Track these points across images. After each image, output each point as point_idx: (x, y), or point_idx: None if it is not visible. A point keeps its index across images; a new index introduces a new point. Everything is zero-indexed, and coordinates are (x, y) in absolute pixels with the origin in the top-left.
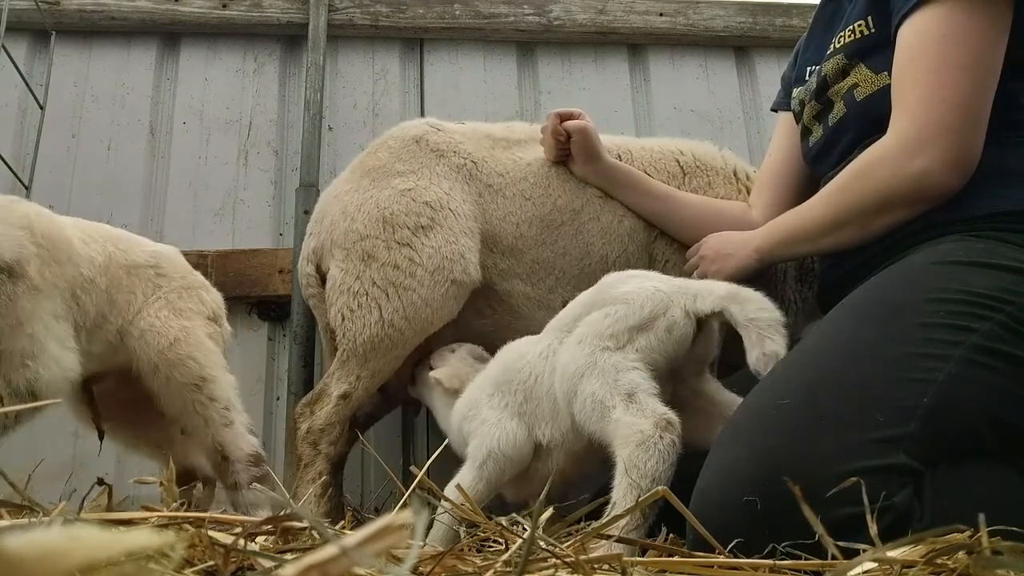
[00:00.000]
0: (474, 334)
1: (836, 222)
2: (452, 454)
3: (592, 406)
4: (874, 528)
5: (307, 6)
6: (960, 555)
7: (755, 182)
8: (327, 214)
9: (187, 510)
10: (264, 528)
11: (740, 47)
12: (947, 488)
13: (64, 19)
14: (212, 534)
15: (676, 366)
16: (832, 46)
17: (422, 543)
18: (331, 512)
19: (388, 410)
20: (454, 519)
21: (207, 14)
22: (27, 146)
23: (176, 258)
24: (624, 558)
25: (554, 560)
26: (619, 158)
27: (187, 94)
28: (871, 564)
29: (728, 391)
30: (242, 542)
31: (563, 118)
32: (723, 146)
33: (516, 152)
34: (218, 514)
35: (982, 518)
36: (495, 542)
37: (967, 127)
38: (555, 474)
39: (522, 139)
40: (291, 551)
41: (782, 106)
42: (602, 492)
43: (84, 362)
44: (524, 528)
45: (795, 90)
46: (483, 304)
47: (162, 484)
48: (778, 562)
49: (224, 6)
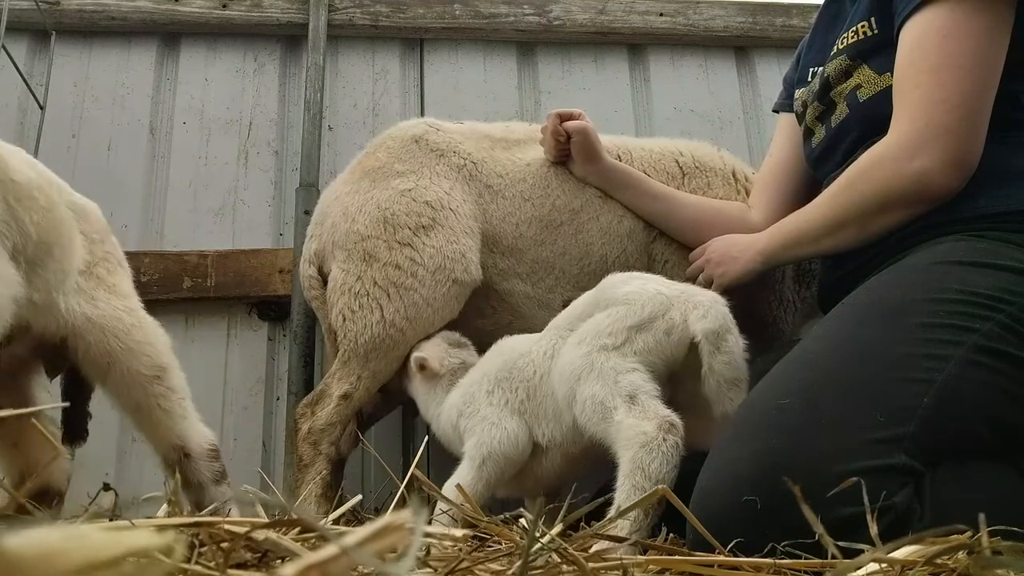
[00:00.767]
0: (474, 333)
1: (837, 223)
2: (452, 453)
3: (593, 408)
4: (874, 528)
5: (307, 6)
6: (960, 555)
7: (755, 183)
8: (328, 216)
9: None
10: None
11: (740, 47)
12: (947, 488)
13: (64, 19)
14: (228, 528)
15: (674, 369)
16: (835, 47)
17: (422, 544)
18: (331, 512)
19: (389, 410)
20: (452, 519)
21: (207, 14)
22: (27, 146)
23: (99, 216)
24: (625, 558)
25: (560, 562)
26: (618, 158)
27: (187, 94)
28: (871, 564)
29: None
30: (269, 535)
31: (563, 118)
32: (723, 146)
33: (515, 152)
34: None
35: (982, 518)
36: (495, 542)
37: (967, 128)
38: (554, 474)
39: (521, 139)
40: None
41: (784, 107)
42: (603, 492)
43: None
44: (525, 528)
45: (798, 91)
46: (483, 303)
47: (170, 501)
48: (778, 562)
49: (224, 6)
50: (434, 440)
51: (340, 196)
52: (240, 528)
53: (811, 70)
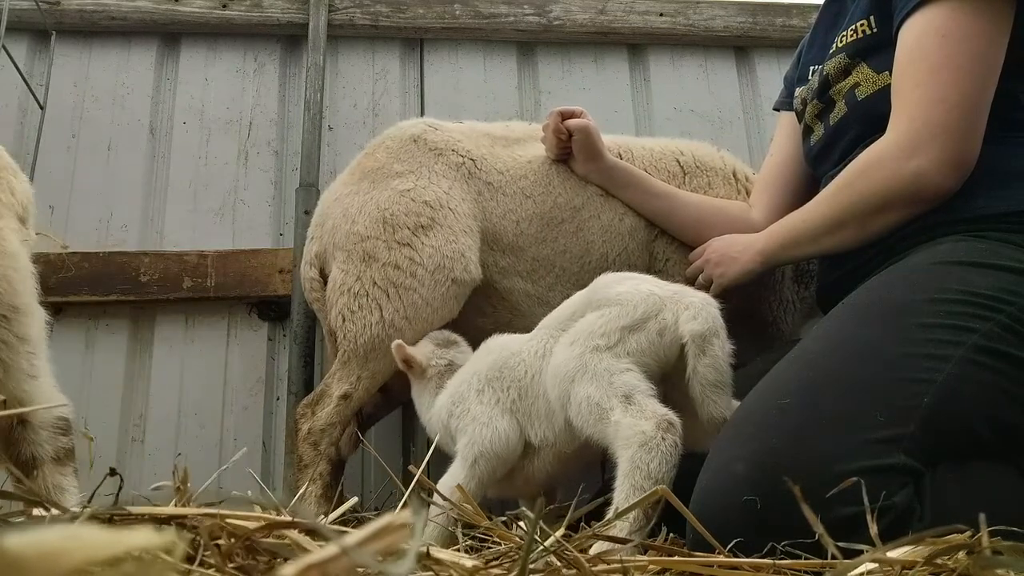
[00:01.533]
0: (474, 332)
1: (836, 222)
2: (445, 450)
3: (589, 409)
4: (874, 528)
5: (307, 6)
6: (960, 555)
7: (755, 182)
8: (328, 217)
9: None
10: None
11: (740, 47)
12: (947, 488)
13: (64, 19)
14: (232, 522)
15: (667, 371)
16: (834, 45)
17: (422, 544)
18: (331, 512)
19: (389, 410)
20: (449, 519)
21: (207, 14)
22: (27, 146)
23: None
24: (625, 559)
25: (560, 565)
26: (620, 157)
27: (187, 94)
28: (871, 564)
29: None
30: (272, 533)
31: (565, 116)
32: (723, 146)
33: (516, 150)
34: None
35: (982, 518)
36: (494, 543)
37: (965, 127)
38: (545, 475)
39: (521, 137)
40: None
41: (784, 106)
42: (602, 492)
43: None
44: (524, 528)
45: (798, 89)
46: (483, 302)
47: (178, 488)
48: (778, 562)
49: (224, 6)
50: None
51: (340, 197)
52: (240, 523)
53: (811, 68)
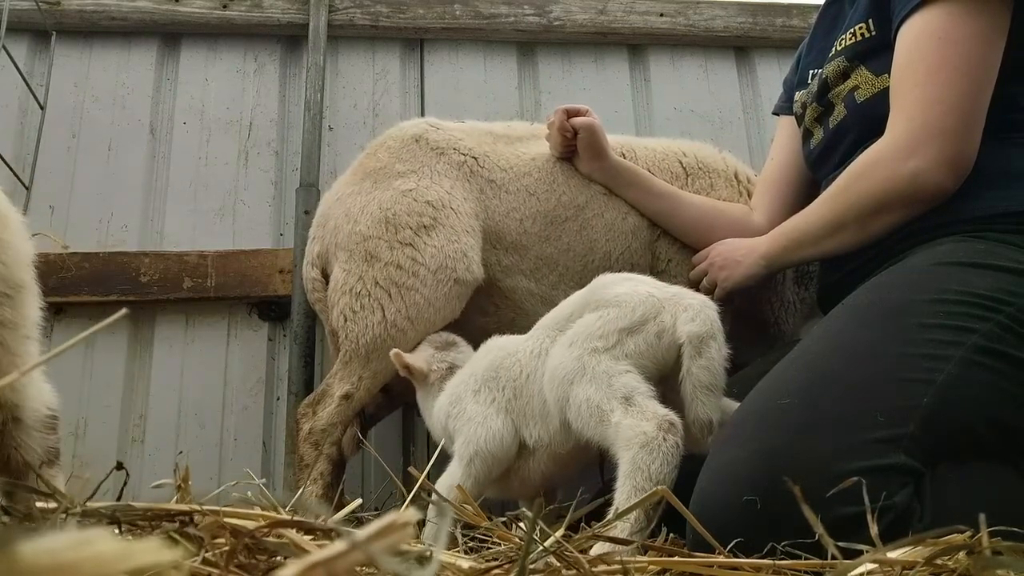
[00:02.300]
0: (477, 331)
1: (836, 224)
2: (450, 454)
3: (589, 412)
4: (874, 528)
5: (307, 6)
6: (960, 555)
7: (756, 185)
8: (330, 217)
9: None
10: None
11: (740, 47)
12: (947, 488)
13: (64, 19)
14: (231, 521)
15: (665, 372)
16: (833, 49)
17: (425, 543)
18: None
19: (391, 410)
20: (450, 520)
21: (207, 14)
22: (27, 146)
23: None
24: (626, 559)
25: (560, 565)
26: (623, 156)
27: (187, 94)
28: (871, 564)
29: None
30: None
31: (570, 114)
32: (723, 147)
33: (519, 147)
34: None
35: (982, 518)
36: (493, 543)
37: (962, 128)
38: (541, 476)
39: (524, 135)
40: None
41: (784, 110)
42: (602, 494)
43: None
44: (524, 529)
45: (797, 93)
46: (486, 301)
47: (179, 487)
48: (778, 562)
49: (224, 6)
50: (434, 440)
51: (342, 198)
52: (242, 522)
53: (811, 72)
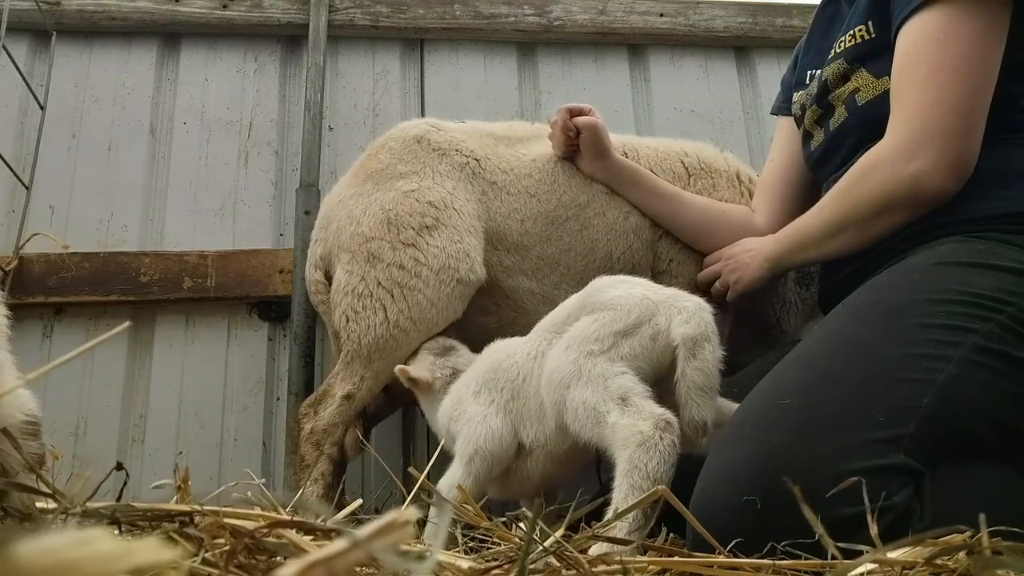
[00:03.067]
0: (479, 331)
1: (837, 226)
2: (451, 454)
3: (586, 414)
4: (874, 528)
5: (307, 6)
6: (960, 555)
7: (757, 187)
8: (333, 219)
9: None
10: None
11: (740, 47)
12: (947, 488)
13: (65, 19)
14: (231, 521)
15: (661, 375)
16: (832, 50)
17: (426, 542)
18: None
19: (392, 411)
20: (451, 520)
21: (207, 14)
22: (27, 146)
23: None
24: (625, 559)
25: (560, 565)
26: (625, 155)
27: (187, 94)
28: (871, 565)
29: (719, 398)
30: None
31: (573, 113)
32: (723, 147)
33: (519, 149)
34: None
35: (982, 518)
36: (493, 543)
37: (962, 130)
38: (539, 476)
39: (524, 136)
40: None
41: (782, 110)
42: (600, 493)
43: None
44: (523, 529)
45: (796, 94)
46: (488, 301)
47: (179, 487)
48: (778, 562)
49: (224, 6)
50: (434, 440)
51: (344, 199)
52: (241, 522)
53: (809, 72)
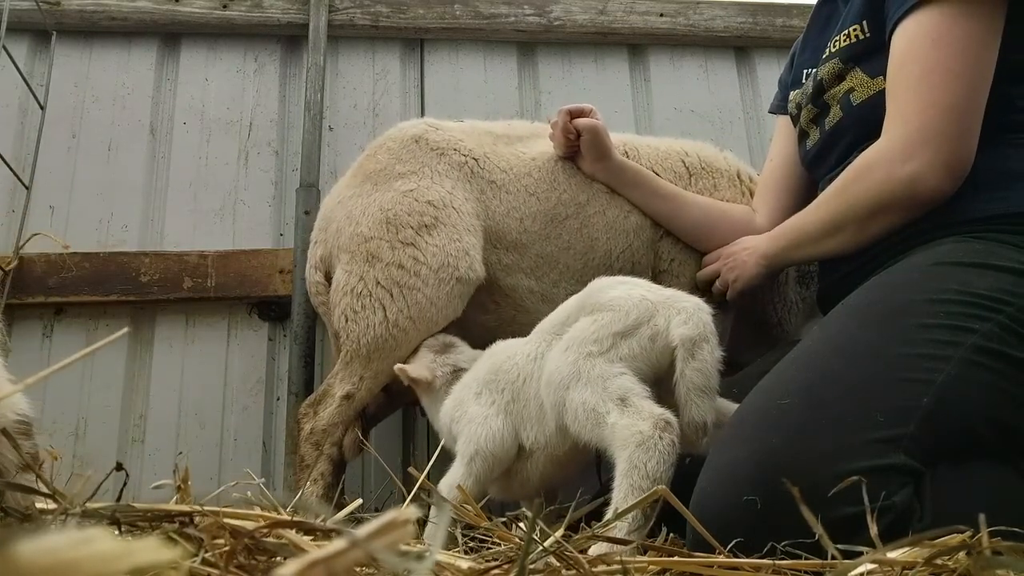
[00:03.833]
0: (478, 329)
1: (834, 226)
2: (451, 454)
3: (585, 415)
4: (874, 528)
5: (307, 6)
6: (960, 555)
7: (757, 186)
8: (332, 220)
9: None
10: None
11: (740, 47)
12: (947, 488)
13: (65, 19)
14: (230, 522)
15: (660, 375)
16: (828, 50)
17: (426, 542)
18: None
19: (392, 411)
20: (451, 520)
21: (207, 14)
22: (27, 146)
23: None
24: (625, 559)
25: (560, 565)
26: (626, 155)
27: (187, 94)
28: (871, 565)
29: (719, 398)
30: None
31: (573, 115)
32: (723, 147)
33: (519, 147)
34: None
35: (982, 518)
36: (493, 543)
37: (958, 131)
38: (539, 477)
39: (524, 135)
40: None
41: (779, 109)
42: (600, 493)
43: None
44: (523, 529)
45: (792, 93)
46: (487, 299)
47: (179, 487)
48: (778, 562)
49: (224, 6)
50: (434, 440)
51: (343, 200)
52: (241, 522)
53: (805, 71)
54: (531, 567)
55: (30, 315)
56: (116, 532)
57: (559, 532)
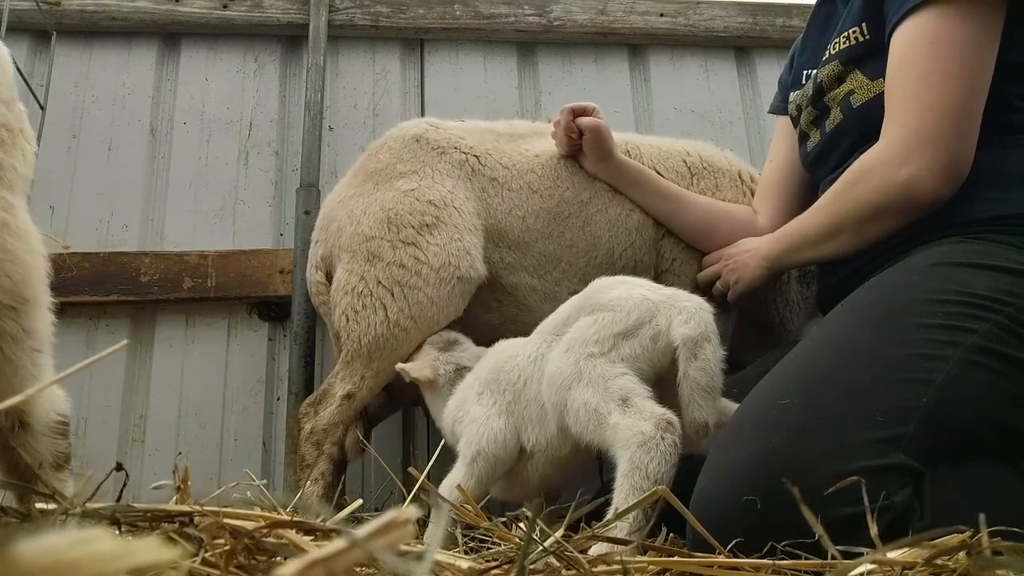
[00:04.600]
0: (481, 327)
1: (833, 229)
2: (452, 454)
3: (587, 415)
4: (874, 528)
5: (307, 6)
6: (960, 555)
7: (757, 187)
8: (333, 220)
9: None
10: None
11: (740, 47)
12: (947, 488)
13: (65, 19)
14: (230, 522)
15: (661, 375)
16: (827, 52)
17: (426, 543)
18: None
19: (393, 410)
20: (451, 520)
21: (207, 14)
22: None
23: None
24: (626, 559)
25: (560, 565)
26: (627, 154)
27: (187, 94)
28: (871, 565)
29: (720, 398)
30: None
31: (576, 113)
32: (723, 147)
33: (521, 144)
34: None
35: (982, 518)
36: (493, 543)
37: (955, 134)
38: (540, 479)
39: (526, 133)
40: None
41: (779, 110)
42: (602, 493)
43: None
44: (523, 529)
45: (792, 94)
46: (489, 297)
47: (179, 487)
48: (778, 562)
49: (224, 6)
50: (434, 440)
51: (344, 199)
52: (241, 522)
53: (805, 72)
54: (531, 567)
55: None
56: (116, 532)
57: (559, 532)
